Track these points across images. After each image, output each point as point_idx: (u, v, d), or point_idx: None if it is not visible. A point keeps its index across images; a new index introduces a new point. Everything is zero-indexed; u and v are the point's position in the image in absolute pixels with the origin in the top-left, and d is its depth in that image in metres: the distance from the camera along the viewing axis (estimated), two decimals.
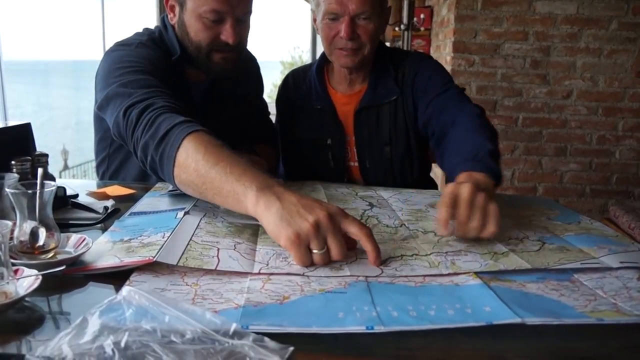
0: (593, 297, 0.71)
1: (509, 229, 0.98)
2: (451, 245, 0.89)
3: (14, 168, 1.04)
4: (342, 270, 0.78)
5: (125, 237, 0.89)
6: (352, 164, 1.51)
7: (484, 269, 0.80)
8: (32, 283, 0.69)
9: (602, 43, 3.31)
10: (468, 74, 3.39)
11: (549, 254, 0.87)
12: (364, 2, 1.29)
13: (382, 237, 0.94)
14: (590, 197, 3.49)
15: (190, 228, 0.92)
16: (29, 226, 0.82)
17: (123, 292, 0.62)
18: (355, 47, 1.34)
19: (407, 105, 1.43)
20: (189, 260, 0.78)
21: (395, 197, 1.22)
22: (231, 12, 1.25)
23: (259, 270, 0.77)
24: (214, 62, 1.32)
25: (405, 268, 0.80)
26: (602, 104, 3.38)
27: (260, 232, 0.94)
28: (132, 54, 1.27)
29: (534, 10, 3.30)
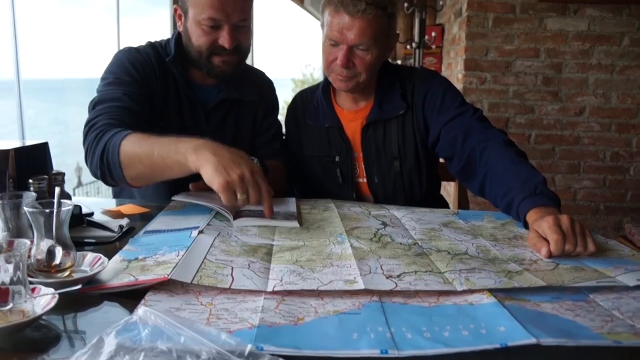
0: (610, 318, 0.70)
1: (522, 252, 0.98)
2: (465, 263, 0.89)
3: (32, 187, 1.05)
4: (356, 284, 0.78)
5: (140, 256, 0.90)
6: (360, 180, 1.52)
7: (498, 286, 0.79)
8: (49, 302, 0.69)
9: (615, 60, 3.30)
10: (480, 92, 3.39)
11: (564, 273, 0.86)
12: (363, 34, 1.32)
13: (395, 253, 0.94)
14: (604, 214, 3.45)
15: (205, 247, 0.93)
16: (46, 245, 0.83)
17: (139, 312, 0.62)
18: (350, 75, 1.38)
19: (417, 120, 1.45)
20: (204, 278, 0.79)
21: (409, 216, 1.22)
22: (227, 19, 1.34)
23: (273, 288, 0.77)
24: (214, 65, 1.41)
25: (420, 283, 0.80)
26: (615, 121, 3.36)
27: (274, 252, 0.95)
28: (117, 63, 1.42)
29: (545, 28, 3.30)
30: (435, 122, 1.42)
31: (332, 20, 1.35)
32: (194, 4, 1.36)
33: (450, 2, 3.90)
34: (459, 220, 1.21)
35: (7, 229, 0.87)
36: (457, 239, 1.05)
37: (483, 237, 1.07)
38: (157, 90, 1.43)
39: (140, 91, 1.37)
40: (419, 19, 3.79)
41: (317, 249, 0.96)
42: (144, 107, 1.35)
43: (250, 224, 1.12)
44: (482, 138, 1.32)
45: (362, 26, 1.31)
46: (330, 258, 0.91)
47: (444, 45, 4.13)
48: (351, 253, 0.93)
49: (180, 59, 1.47)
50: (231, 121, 1.54)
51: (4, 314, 0.67)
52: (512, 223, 1.19)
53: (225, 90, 1.52)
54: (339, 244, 0.99)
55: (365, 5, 1.30)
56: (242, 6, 1.36)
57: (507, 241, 1.05)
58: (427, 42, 3.87)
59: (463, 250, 0.97)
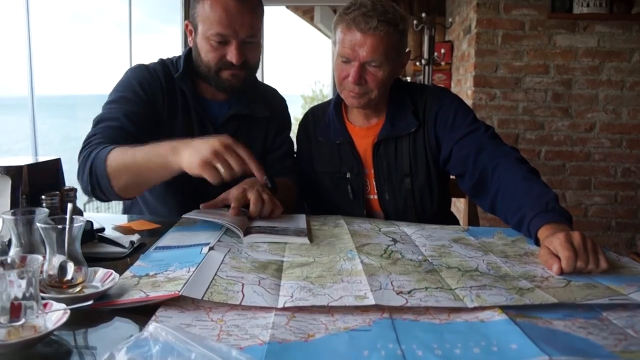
0: (623, 336, 0.70)
1: (533, 269, 0.98)
2: (475, 280, 0.89)
3: (44, 202, 1.06)
4: (366, 299, 0.78)
5: (150, 272, 0.90)
6: (371, 196, 1.52)
7: (509, 302, 0.79)
8: (60, 317, 0.70)
9: (624, 75, 3.29)
10: (489, 108, 3.39)
11: (576, 290, 0.85)
12: (375, 51, 1.32)
13: (406, 269, 0.94)
14: (616, 230, 3.42)
15: (215, 263, 0.93)
16: (57, 260, 0.83)
17: (150, 328, 0.62)
18: (362, 92, 1.39)
19: (428, 137, 1.45)
20: (214, 295, 0.79)
21: (419, 232, 1.22)
22: (235, 35, 1.36)
23: (283, 304, 0.77)
24: (222, 79, 1.43)
25: (430, 299, 0.79)
26: (625, 137, 3.35)
27: (284, 268, 0.95)
28: (125, 81, 1.46)
29: (554, 44, 3.31)
30: (446, 139, 1.42)
31: (344, 37, 1.36)
32: (203, 20, 1.38)
33: (459, 19, 3.92)
34: (469, 237, 1.20)
35: (20, 245, 0.88)
36: (467, 255, 1.04)
37: (493, 254, 1.07)
38: (164, 107, 1.45)
39: (142, 110, 1.39)
40: (428, 35, 3.81)
41: (327, 265, 0.96)
42: (143, 127, 1.37)
43: (261, 240, 1.12)
44: (493, 155, 1.32)
45: (373, 43, 1.32)
46: (340, 274, 0.91)
47: (453, 61, 4.15)
48: (361, 269, 0.93)
49: (189, 74, 1.48)
50: (241, 137, 1.51)
51: (16, 329, 0.67)
52: (522, 240, 1.18)
53: (236, 105, 1.53)
54: (349, 260, 0.99)
55: (377, 22, 1.31)
56: (250, 22, 1.38)
57: (518, 257, 1.05)
58: (436, 59, 3.89)
59: (473, 267, 0.97)
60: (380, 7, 1.34)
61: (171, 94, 1.47)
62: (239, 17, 1.35)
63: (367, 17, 1.31)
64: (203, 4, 1.38)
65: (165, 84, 1.46)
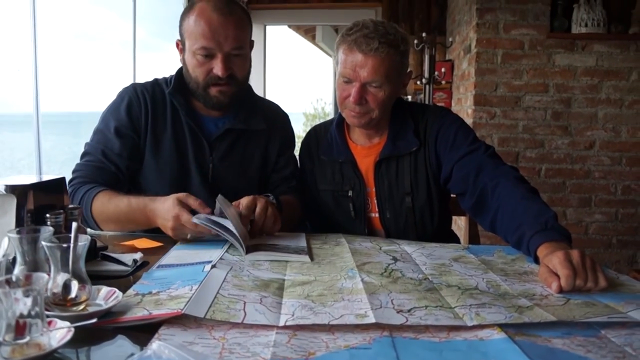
0: (621, 354, 0.70)
1: (532, 287, 0.98)
2: (475, 298, 0.89)
3: (49, 221, 1.07)
4: (367, 317, 0.79)
5: (153, 290, 0.91)
6: (372, 215, 1.53)
7: (508, 320, 0.79)
8: (64, 335, 0.70)
9: (623, 94, 3.32)
10: (489, 126, 3.41)
11: (575, 307, 0.86)
12: (375, 72, 1.34)
13: (406, 288, 0.95)
14: (617, 248, 3.42)
15: (217, 281, 0.94)
16: (62, 278, 0.84)
17: (153, 346, 0.63)
18: (363, 112, 1.41)
19: (429, 156, 1.46)
20: (216, 313, 0.80)
21: (419, 251, 1.23)
22: (219, 48, 1.39)
23: (284, 322, 0.78)
24: (210, 95, 1.45)
25: (430, 318, 0.80)
26: (625, 154, 3.36)
27: (286, 286, 0.95)
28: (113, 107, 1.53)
29: (553, 63, 3.34)
30: (447, 158, 1.43)
31: (345, 58, 1.37)
32: (189, 35, 1.41)
33: (459, 39, 3.96)
34: (470, 255, 1.21)
35: (24, 263, 0.89)
36: (467, 274, 1.05)
37: (493, 272, 1.07)
38: (149, 123, 1.49)
39: (122, 140, 1.47)
40: (428, 54, 3.83)
41: (328, 284, 0.97)
42: (119, 161, 1.46)
43: (263, 258, 1.13)
44: (493, 175, 1.33)
45: (374, 64, 1.34)
46: (341, 292, 0.92)
47: (454, 80, 4.18)
48: (362, 287, 0.93)
49: (181, 91, 1.51)
50: (238, 151, 1.55)
51: (21, 346, 0.68)
52: (522, 258, 1.19)
53: (231, 120, 1.53)
54: (350, 278, 1.00)
55: (378, 43, 1.33)
56: (234, 34, 1.40)
57: (517, 276, 1.05)
58: (437, 78, 3.92)
59: (473, 285, 0.97)
60: (382, 28, 1.36)
61: (158, 111, 1.50)
62: (222, 30, 1.38)
63: (369, 39, 1.33)
64: (188, 20, 1.41)
65: (150, 103, 1.50)
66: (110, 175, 1.45)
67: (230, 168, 1.52)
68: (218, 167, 1.51)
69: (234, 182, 1.52)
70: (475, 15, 3.37)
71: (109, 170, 1.45)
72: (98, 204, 1.36)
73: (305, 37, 7.48)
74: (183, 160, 1.49)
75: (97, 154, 1.46)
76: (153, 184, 1.49)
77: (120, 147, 1.46)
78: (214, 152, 1.51)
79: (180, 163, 1.49)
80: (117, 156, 1.46)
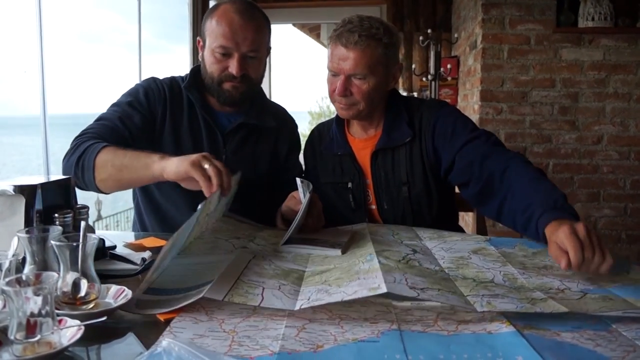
0: (632, 348, 0.70)
1: (550, 281, 0.97)
2: (489, 290, 0.89)
3: (57, 221, 1.08)
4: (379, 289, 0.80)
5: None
6: (372, 207, 1.56)
7: (519, 310, 0.79)
8: (74, 333, 0.71)
9: (631, 88, 3.29)
10: (496, 122, 3.40)
11: (591, 302, 0.85)
12: (358, 64, 1.40)
13: (421, 273, 0.94)
14: (626, 243, 3.40)
15: (239, 268, 0.95)
16: (71, 277, 0.85)
17: (163, 343, 0.63)
18: (349, 103, 1.46)
19: (425, 148, 1.48)
20: (235, 296, 0.81)
21: (440, 246, 1.21)
22: (237, 48, 1.45)
23: (300, 306, 0.79)
24: (224, 89, 1.52)
25: (441, 297, 0.81)
26: (634, 148, 3.34)
27: (305, 277, 0.96)
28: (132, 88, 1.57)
29: (560, 58, 3.32)
30: (447, 149, 1.43)
31: (331, 52, 1.45)
32: (210, 34, 1.48)
33: (464, 35, 3.95)
34: (490, 247, 1.20)
35: (34, 262, 0.89)
36: (484, 267, 1.04)
37: (512, 265, 1.06)
38: (165, 115, 1.54)
39: (140, 116, 1.49)
40: (434, 51, 3.83)
41: (346, 269, 0.98)
42: (136, 131, 1.47)
43: (295, 251, 1.16)
44: (501, 159, 1.32)
45: (356, 57, 1.40)
46: (357, 273, 0.92)
47: (460, 76, 4.17)
48: (378, 267, 0.93)
49: (197, 86, 1.58)
50: (250, 146, 1.61)
51: (32, 345, 0.68)
52: (543, 252, 1.16)
53: (243, 116, 1.60)
54: (368, 262, 1.00)
55: (358, 37, 1.39)
56: (252, 38, 1.46)
57: (536, 270, 1.04)
58: (443, 74, 3.91)
59: (489, 278, 0.97)
60: (366, 23, 1.41)
61: (176, 104, 1.56)
62: (241, 32, 1.44)
63: (350, 33, 1.40)
64: (212, 20, 1.48)
65: (169, 95, 1.56)
66: (122, 139, 1.43)
67: (242, 161, 1.57)
68: (231, 159, 1.56)
69: (245, 174, 1.54)
70: (481, 11, 3.36)
71: (122, 135, 1.44)
72: (105, 152, 1.32)
73: (310, 36, 7.49)
74: (198, 151, 1.51)
75: (114, 119, 1.46)
76: None
77: (137, 118, 1.49)
78: (227, 145, 1.58)
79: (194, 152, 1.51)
80: (132, 124, 1.47)
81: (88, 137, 1.39)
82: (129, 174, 1.29)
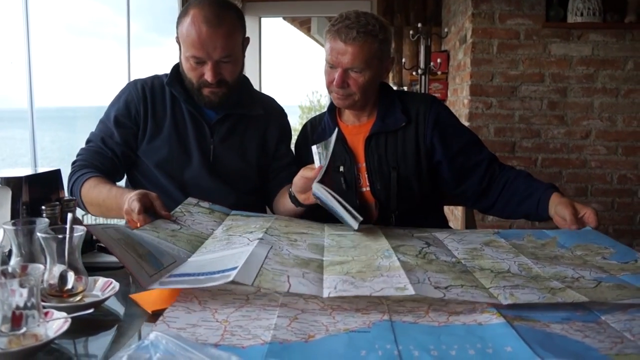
0: (619, 339, 0.70)
1: (563, 269, 0.98)
2: (508, 280, 0.90)
3: (44, 213, 1.07)
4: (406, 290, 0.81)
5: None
6: (364, 189, 1.61)
7: (542, 301, 0.80)
8: (61, 326, 0.70)
9: (619, 83, 3.31)
10: (486, 117, 3.41)
11: (606, 290, 0.86)
12: (355, 58, 1.48)
13: (441, 268, 0.95)
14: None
15: (260, 258, 0.94)
16: (58, 270, 0.84)
17: (151, 336, 0.63)
18: (346, 94, 1.54)
19: (420, 136, 1.57)
20: (263, 282, 0.81)
21: (450, 237, 1.23)
22: (209, 57, 1.47)
23: (328, 294, 0.80)
24: (204, 95, 1.54)
25: (467, 294, 0.82)
26: (621, 143, 3.36)
27: (325, 266, 0.97)
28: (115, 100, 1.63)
29: (549, 53, 3.33)
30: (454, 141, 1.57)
31: (330, 46, 1.51)
32: (182, 40, 1.50)
33: (454, 29, 3.95)
34: (500, 239, 1.22)
35: (20, 254, 0.88)
36: (499, 258, 1.06)
37: (524, 255, 1.08)
38: (148, 113, 1.59)
39: (118, 130, 1.57)
40: (424, 45, 3.83)
41: (366, 262, 0.98)
42: (115, 147, 1.56)
43: (324, 195, 1.27)
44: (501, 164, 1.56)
45: (354, 51, 1.47)
46: (379, 269, 0.93)
47: (450, 71, 4.17)
48: (399, 265, 0.94)
49: (180, 82, 1.60)
50: (237, 134, 1.63)
51: (17, 337, 0.68)
52: (552, 243, 1.19)
53: (229, 106, 1.61)
54: (386, 257, 1.00)
55: (356, 33, 1.46)
56: (223, 44, 1.46)
57: (549, 260, 1.06)
58: (433, 68, 3.91)
59: (505, 269, 0.98)
60: (363, 19, 1.49)
61: (157, 101, 1.60)
62: (210, 41, 1.44)
63: (349, 29, 1.47)
64: (183, 24, 1.48)
65: (149, 94, 1.60)
66: (107, 159, 1.55)
67: (231, 150, 1.61)
68: (219, 148, 1.60)
69: (234, 162, 1.62)
70: (471, 5, 3.36)
71: (106, 155, 1.55)
72: (86, 187, 1.44)
73: (300, 29, 7.46)
74: (183, 142, 1.59)
75: (97, 140, 1.58)
76: (152, 163, 1.57)
77: (118, 135, 1.56)
78: (215, 134, 1.60)
79: (179, 144, 1.58)
80: (114, 143, 1.57)
81: (78, 167, 1.51)
82: (107, 212, 1.43)
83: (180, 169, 1.56)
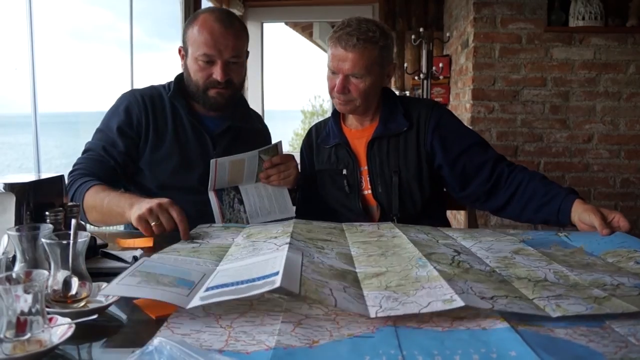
0: (624, 344, 0.70)
1: (600, 276, 0.96)
2: (549, 290, 0.88)
3: (48, 218, 1.07)
4: (455, 302, 0.77)
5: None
6: (366, 192, 1.64)
7: (590, 312, 0.78)
8: (65, 332, 0.70)
9: (621, 87, 3.31)
10: (488, 121, 3.41)
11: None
12: (356, 65, 1.50)
13: (479, 278, 0.92)
14: None
15: (297, 263, 0.91)
16: (62, 275, 0.84)
17: (154, 342, 0.63)
18: (347, 100, 1.57)
19: (421, 140, 1.59)
20: (309, 292, 0.78)
21: (477, 245, 1.20)
22: (220, 55, 1.53)
23: (375, 314, 0.76)
24: (209, 96, 1.59)
25: (514, 306, 0.79)
26: (624, 147, 3.36)
27: (360, 279, 0.93)
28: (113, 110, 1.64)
29: (551, 57, 3.33)
30: (456, 144, 1.57)
31: (332, 53, 1.55)
32: (192, 43, 1.55)
33: (456, 34, 3.96)
34: (528, 247, 1.18)
35: (24, 260, 0.89)
36: (532, 266, 1.02)
37: (557, 263, 1.05)
38: (150, 125, 1.60)
39: (121, 139, 1.57)
40: (426, 50, 3.83)
41: (402, 274, 0.94)
42: (118, 156, 1.57)
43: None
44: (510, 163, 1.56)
45: (354, 58, 1.50)
46: (418, 281, 0.89)
47: (452, 75, 4.18)
48: (437, 274, 0.91)
49: (182, 94, 1.64)
50: (239, 147, 1.64)
51: (22, 343, 0.68)
52: (580, 251, 1.16)
53: (230, 118, 1.67)
54: (422, 267, 0.97)
55: (356, 40, 1.49)
56: (233, 44, 1.54)
57: (582, 267, 1.03)
58: (435, 73, 3.92)
59: (542, 277, 0.95)
60: (364, 26, 1.52)
61: (158, 112, 1.62)
62: (222, 39, 1.52)
63: (349, 36, 1.49)
64: (192, 29, 1.55)
65: (150, 105, 1.62)
66: (108, 168, 1.55)
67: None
68: None
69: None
70: (473, 10, 3.37)
71: (107, 164, 1.55)
72: (89, 194, 1.43)
73: (302, 35, 7.47)
74: (185, 153, 1.61)
75: (98, 149, 1.57)
76: (154, 176, 1.59)
77: (120, 143, 1.57)
78: (217, 146, 1.64)
79: (181, 155, 1.60)
80: (116, 151, 1.57)
81: (79, 175, 1.49)
82: (110, 219, 1.42)
83: (182, 180, 1.58)
